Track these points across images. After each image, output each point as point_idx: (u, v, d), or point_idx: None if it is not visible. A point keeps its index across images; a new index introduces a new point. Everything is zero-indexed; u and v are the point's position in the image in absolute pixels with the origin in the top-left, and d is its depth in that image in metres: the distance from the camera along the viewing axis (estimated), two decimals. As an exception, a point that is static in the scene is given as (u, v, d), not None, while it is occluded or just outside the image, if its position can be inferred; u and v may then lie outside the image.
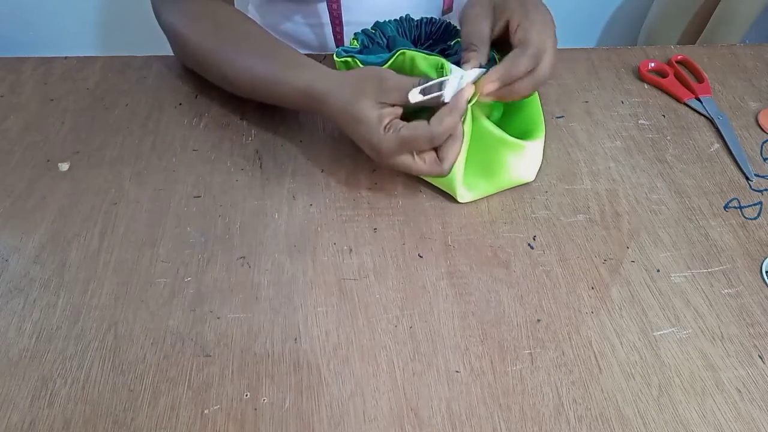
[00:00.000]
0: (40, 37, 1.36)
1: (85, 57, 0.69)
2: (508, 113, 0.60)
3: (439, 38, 0.63)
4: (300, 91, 0.55)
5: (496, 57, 0.57)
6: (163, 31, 0.65)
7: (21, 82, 0.65)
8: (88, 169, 0.57)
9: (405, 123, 0.50)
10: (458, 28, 0.60)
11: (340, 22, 0.73)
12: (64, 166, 0.57)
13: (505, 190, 0.57)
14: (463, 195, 0.55)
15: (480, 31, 0.54)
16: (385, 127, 0.49)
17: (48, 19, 1.35)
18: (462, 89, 0.49)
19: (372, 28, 0.61)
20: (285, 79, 0.56)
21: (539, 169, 0.57)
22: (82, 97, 0.64)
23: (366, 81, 0.51)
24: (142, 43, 0.88)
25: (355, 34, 0.60)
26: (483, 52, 0.53)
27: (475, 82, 0.51)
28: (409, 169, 0.52)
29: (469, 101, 0.51)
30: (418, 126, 0.49)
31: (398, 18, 0.62)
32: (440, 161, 0.50)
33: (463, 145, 0.52)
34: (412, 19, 0.63)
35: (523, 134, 0.55)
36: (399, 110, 0.51)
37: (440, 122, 0.48)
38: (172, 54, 0.68)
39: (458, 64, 0.53)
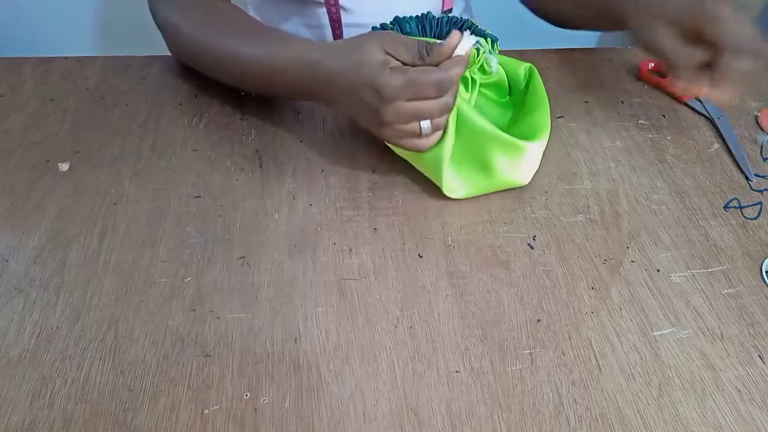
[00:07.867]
0: (40, 37, 1.36)
1: (85, 57, 0.69)
2: (516, 119, 0.58)
3: None
4: (294, 60, 0.53)
5: (492, 42, 0.56)
6: (158, 28, 0.65)
7: (21, 82, 0.66)
8: (88, 169, 0.57)
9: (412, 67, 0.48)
10: (481, 28, 0.57)
11: (340, 24, 0.72)
12: (64, 166, 0.57)
13: (502, 191, 0.56)
14: (451, 189, 0.54)
15: None
16: (390, 68, 0.47)
17: (48, 19, 1.35)
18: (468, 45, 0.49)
19: (390, 24, 0.59)
20: (278, 52, 0.54)
21: (539, 170, 0.56)
22: (82, 97, 0.64)
23: (369, 35, 0.50)
24: (142, 43, 0.88)
25: (372, 28, 0.58)
26: None
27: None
28: (412, 129, 0.49)
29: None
30: (427, 69, 0.47)
31: (420, 15, 0.59)
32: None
33: (449, 139, 0.52)
34: (434, 16, 0.60)
35: (527, 137, 0.54)
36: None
37: (448, 69, 0.47)
38: (171, 54, 0.68)
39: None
